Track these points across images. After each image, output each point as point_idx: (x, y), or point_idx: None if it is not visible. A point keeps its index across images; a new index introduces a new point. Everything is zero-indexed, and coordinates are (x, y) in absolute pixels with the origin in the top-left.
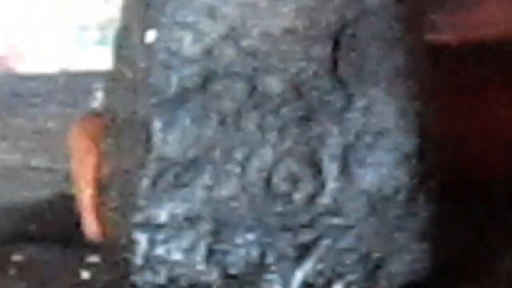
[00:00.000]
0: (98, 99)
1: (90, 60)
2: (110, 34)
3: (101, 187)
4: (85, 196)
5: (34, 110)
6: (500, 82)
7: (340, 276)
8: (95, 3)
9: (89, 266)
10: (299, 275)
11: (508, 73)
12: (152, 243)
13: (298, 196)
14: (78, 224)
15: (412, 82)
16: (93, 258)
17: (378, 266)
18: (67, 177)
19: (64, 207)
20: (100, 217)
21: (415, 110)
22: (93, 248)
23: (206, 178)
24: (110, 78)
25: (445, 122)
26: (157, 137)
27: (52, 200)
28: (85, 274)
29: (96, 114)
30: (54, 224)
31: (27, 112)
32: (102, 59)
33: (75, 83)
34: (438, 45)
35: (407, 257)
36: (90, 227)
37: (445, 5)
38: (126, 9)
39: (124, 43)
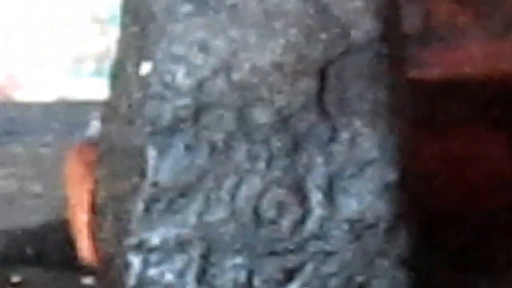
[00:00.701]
0: (94, 127)
1: (87, 90)
2: (106, 65)
3: (96, 212)
4: (80, 220)
5: (31, 138)
6: (480, 118)
7: None
8: (92, 35)
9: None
10: None
11: (488, 109)
12: (145, 265)
13: (284, 223)
14: (73, 247)
15: (394, 116)
16: (88, 280)
17: None
18: (63, 202)
19: (60, 231)
20: (95, 241)
21: (397, 143)
22: (88, 270)
23: (197, 204)
24: (106, 108)
25: (423, 155)
26: (151, 164)
27: (48, 224)
28: None
29: (92, 142)
30: (50, 247)
31: (25, 140)
32: (98, 89)
33: (71, 112)
34: (421, 81)
35: (387, 282)
36: (85, 250)
37: (428, 42)
38: (122, 42)
39: (120, 74)
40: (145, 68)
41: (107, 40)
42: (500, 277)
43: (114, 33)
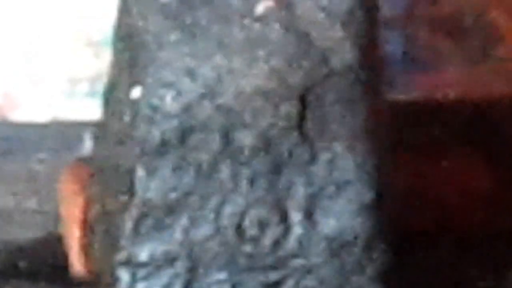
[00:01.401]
0: (86, 147)
1: (80, 111)
2: (99, 86)
3: (87, 228)
4: (73, 235)
5: (27, 156)
6: (457, 140)
7: None
8: (86, 57)
9: None
10: None
11: (465, 131)
12: (133, 279)
13: (266, 240)
14: (66, 261)
15: (372, 139)
16: None
17: None
18: (56, 219)
19: (53, 246)
20: (86, 255)
21: (374, 164)
22: (79, 284)
23: (183, 222)
24: (99, 128)
25: (400, 177)
26: (140, 184)
27: (42, 239)
28: None
29: (85, 161)
30: (43, 261)
31: (20, 158)
32: (92, 110)
33: (65, 132)
34: (400, 104)
35: None
36: (77, 264)
37: (408, 67)
38: (115, 67)
39: (112, 97)
40: (136, 92)
41: (100, 62)
42: None
43: (107, 56)
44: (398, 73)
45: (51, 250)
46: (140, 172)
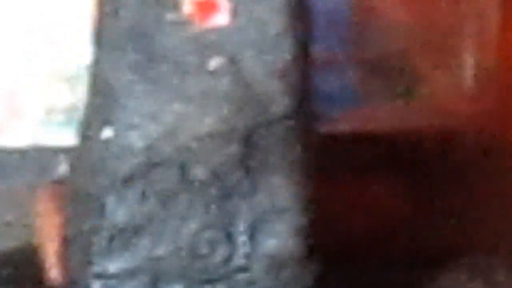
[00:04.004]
0: (62, 170)
1: (56, 138)
2: (74, 116)
3: (64, 243)
4: (50, 249)
5: (8, 176)
6: (383, 169)
7: None
8: (62, 91)
9: None
10: None
11: (391, 161)
12: None
13: (216, 257)
14: (43, 272)
15: (306, 171)
16: None
17: None
18: (35, 232)
19: (33, 256)
20: (62, 267)
21: (307, 194)
22: None
23: (146, 242)
24: (75, 157)
25: (331, 203)
26: (109, 210)
27: (23, 250)
28: None
29: (62, 182)
30: (22, 271)
31: (2, 177)
32: (67, 137)
33: (43, 156)
34: (332, 136)
35: None
36: (53, 275)
37: (340, 102)
38: (88, 109)
39: (86, 135)
40: (107, 133)
41: (75, 96)
42: None
43: (80, 89)
44: (332, 108)
45: (32, 260)
46: (109, 200)
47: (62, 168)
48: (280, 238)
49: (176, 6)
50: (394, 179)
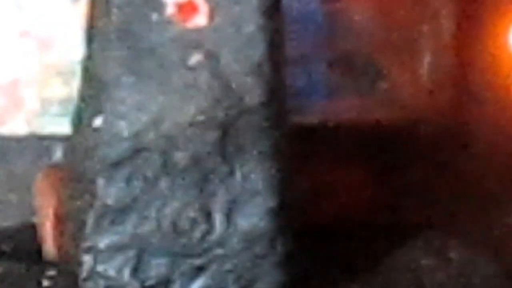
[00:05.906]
0: (57, 156)
1: (53, 126)
2: (69, 108)
3: (59, 220)
4: (47, 226)
5: (9, 161)
6: (350, 156)
7: None
8: (56, 84)
9: (48, 277)
10: (195, 287)
11: (356, 149)
12: (94, 262)
13: (195, 234)
14: (41, 246)
15: (278, 158)
16: (52, 272)
17: (249, 284)
18: (33, 211)
19: (30, 233)
20: (58, 242)
21: (278, 178)
22: (52, 264)
23: (132, 220)
24: (69, 144)
25: (302, 185)
26: (100, 190)
27: (21, 227)
28: (45, 283)
29: (57, 166)
30: (23, 245)
31: (3, 162)
32: (62, 127)
33: (41, 144)
34: (303, 126)
35: (269, 280)
36: (50, 249)
37: (309, 96)
38: (81, 100)
39: (79, 124)
40: (97, 122)
41: (69, 88)
42: None
43: (74, 83)
44: (302, 101)
45: (29, 236)
46: (100, 182)
47: (58, 154)
48: (253, 217)
49: (160, 8)
50: (358, 164)
